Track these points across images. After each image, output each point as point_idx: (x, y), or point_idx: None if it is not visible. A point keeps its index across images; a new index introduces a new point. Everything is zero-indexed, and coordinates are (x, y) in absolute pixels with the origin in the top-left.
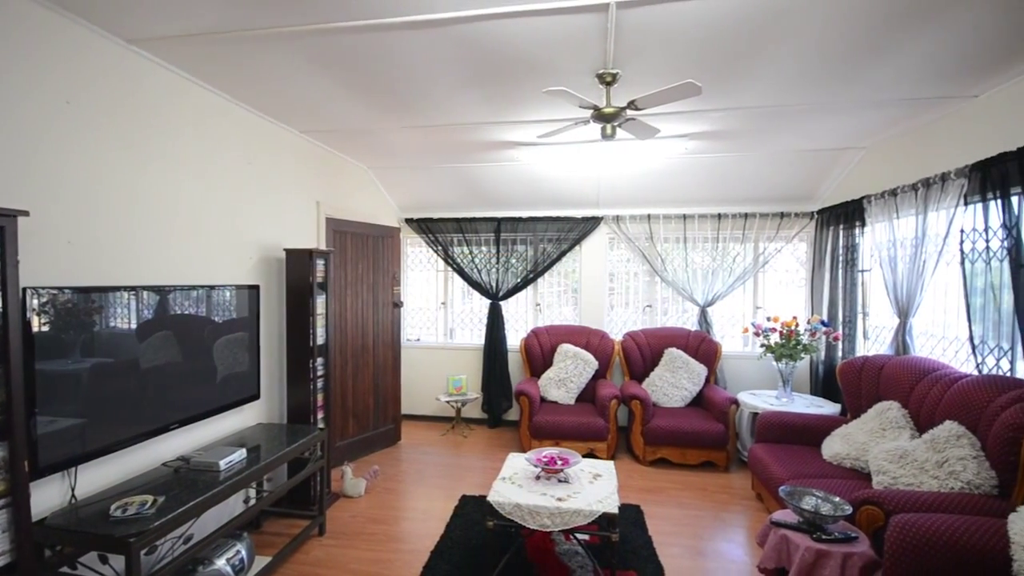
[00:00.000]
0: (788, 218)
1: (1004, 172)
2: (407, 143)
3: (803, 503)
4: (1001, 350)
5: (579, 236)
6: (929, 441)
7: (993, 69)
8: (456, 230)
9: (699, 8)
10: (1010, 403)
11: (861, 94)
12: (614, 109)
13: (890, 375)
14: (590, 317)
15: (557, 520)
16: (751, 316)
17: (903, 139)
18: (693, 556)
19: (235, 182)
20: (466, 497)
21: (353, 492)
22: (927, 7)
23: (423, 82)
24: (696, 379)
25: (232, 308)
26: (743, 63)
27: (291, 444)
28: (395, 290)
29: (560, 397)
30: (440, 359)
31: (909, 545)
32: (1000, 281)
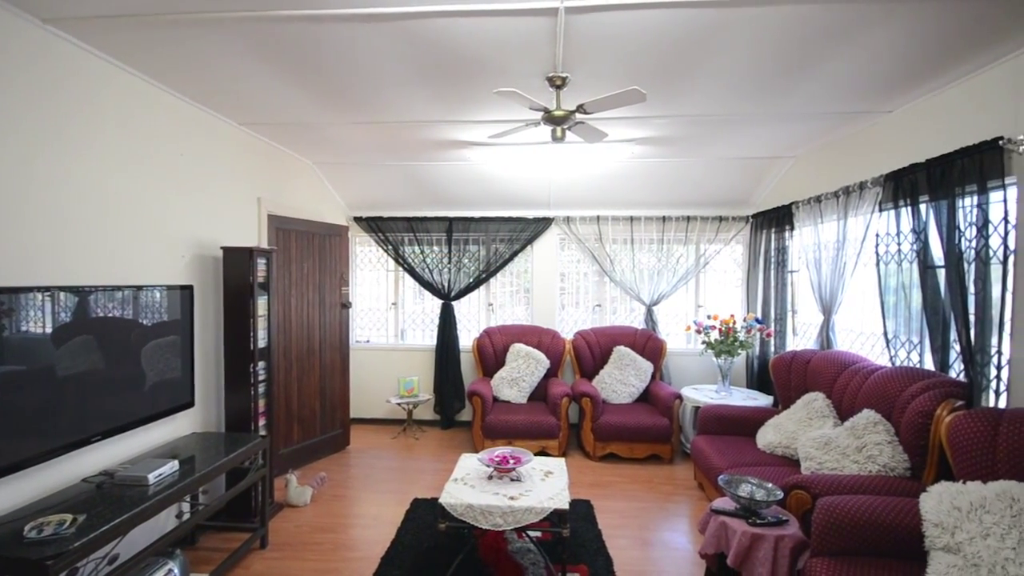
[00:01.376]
0: (726, 221)
1: (914, 181)
2: (355, 139)
3: (739, 490)
4: (911, 344)
5: (531, 236)
6: (850, 428)
7: (904, 87)
8: (407, 229)
9: (643, 18)
10: (919, 392)
11: (789, 107)
12: (564, 112)
13: (816, 368)
14: (542, 317)
15: (509, 519)
16: (693, 314)
17: (827, 150)
18: (640, 546)
19: (166, 175)
20: (418, 500)
21: (298, 501)
22: (844, 30)
23: (371, 78)
24: (643, 376)
25: (163, 310)
26: (684, 73)
27: (229, 453)
28: (343, 290)
29: (513, 396)
30: (391, 361)
31: (833, 525)
32: (910, 281)
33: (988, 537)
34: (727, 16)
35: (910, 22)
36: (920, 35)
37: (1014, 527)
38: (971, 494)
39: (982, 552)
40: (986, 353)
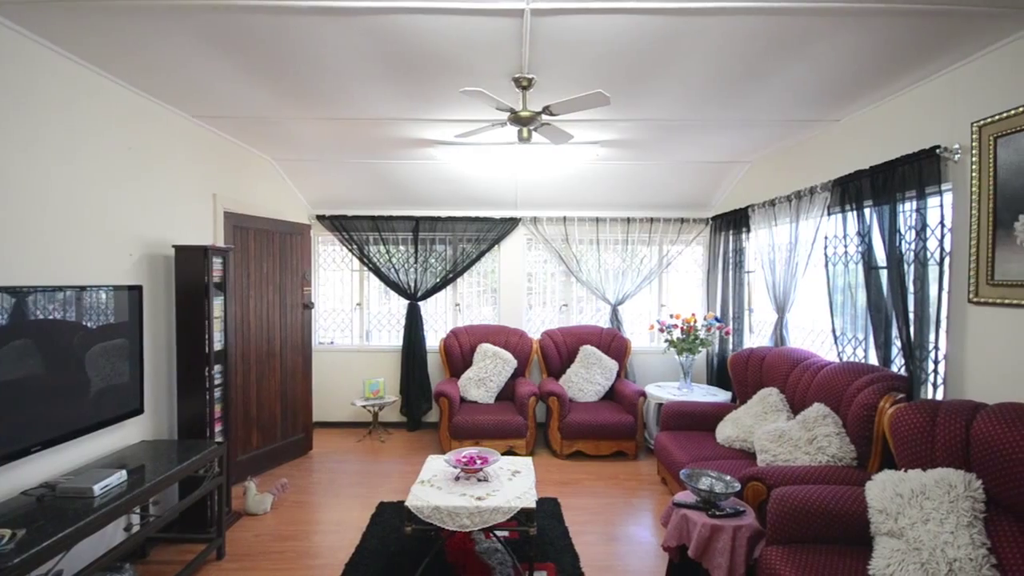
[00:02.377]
0: (687, 223)
1: (859, 187)
2: (317, 136)
3: (700, 483)
4: (857, 340)
5: (498, 236)
6: (801, 421)
7: (851, 97)
8: (372, 228)
9: (607, 23)
10: (864, 386)
11: (745, 114)
12: (530, 113)
13: (770, 364)
14: (509, 317)
15: (477, 519)
16: (657, 314)
17: (781, 155)
18: (606, 542)
19: (113, 169)
20: (384, 504)
21: (258, 509)
22: (794, 41)
23: (334, 73)
24: (608, 374)
25: (109, 312)
26: (646, 79)
27: (182, 462)
28: (305, 291)
29: (480, 397)
30: (356, 362)
31: (786, 515)
32: (856, 281)
33: (928, 522)
34: (686, 24)
35: (855, 36)
36: (864, 49)
37: (951, 512)
38: (912, 481)
39: (923, 536)
40: (924, 349)
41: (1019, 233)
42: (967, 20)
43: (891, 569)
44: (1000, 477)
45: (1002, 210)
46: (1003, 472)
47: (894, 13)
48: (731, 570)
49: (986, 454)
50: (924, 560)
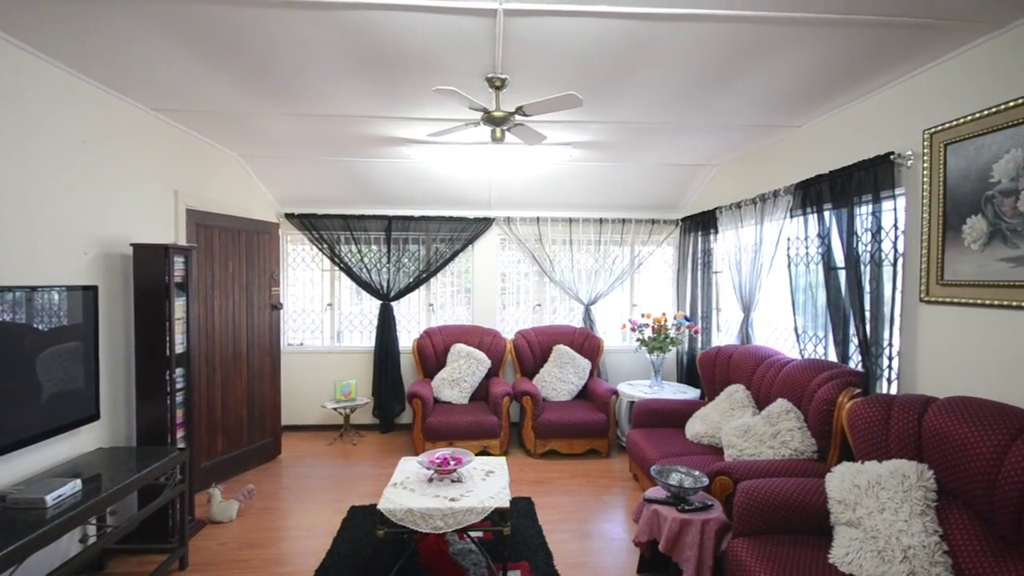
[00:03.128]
0: (658, 224)
1: (819, 191)
2: (286, 132)
3: (670, 479)
4: (818, 338)
5: (472, 236)
6: (766, 416)
7: (812, 104)
8: (343, 227)
9: (579, 26)
10: (824, 382)
11: (712, 118)
12: (503, 113)
13: (737, 362)
14: (483, 317)
15: (450, 520)
16: (628, 313)
17: (746, 159)
18: (579, 539)
19: (66, 163)
20: (356, 508)
21: (223, 516)
22: (758, 49)
23: (303, 68)
24: (581, 373)
25: (62, 313)
26: (618, 82)
27: (142, 469)
28: (273, 291)
29: (454, 397)
30: (326, 364)
31: (752, 506)
32: (816, 281)
33: (884, 511)
34: (655, 29)
35: (814, 45)
36: (823, 58)
37: (905, 501)
38: (868, 472)
39: (879, 525)
40: (880, 345)
41: (967, 236)
42: (920, 32)
43: (849, 557)
44: (949, 467)
45: (951, 214)
46: (952, 462)
47: (850, 24)
48: (700, 563)
49: (936, 445)
50: (880, 548)
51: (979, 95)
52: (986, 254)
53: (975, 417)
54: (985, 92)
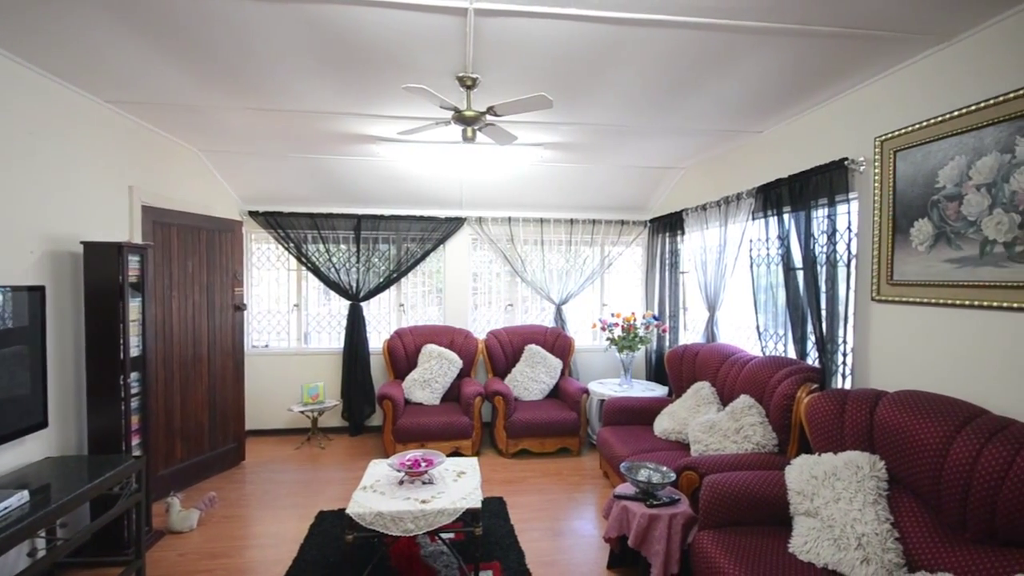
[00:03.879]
0: (627, 225)
1: (779, 194)
2: (249, 127)
3: (639, 475)
4: (778, 336)
5: (443, 236)
6: (730, 412)
7: (772, 110)
8: (311, 226)
9: (549, 28)
10: (784, 378)
11: (679, 122)
12: (474, 113)
13: (703, 360)
14: (455, 317)
15: (421, 523)
16: (599, 313)
17: (712, 163)
18: (551, 537)
19: (11, 156)
20: (324, 513)
21: (182, 526)
22: (721, 56)
23: (267, 61)
24: (553, 372)
25: (5, 316)
26: (588, 84)
27: (94, 479)
28: (236, 291)
29: (425, 398)
30: (293, 366)
31: (717, 500)
32: (777, 281)
33: (839, 501)
34: (623, 34)
35: (774, 54)
36: (783, 66)
37: (859, 491)
38: (825, 464)
39: (835, 514)
40: (835, 342)
41: (914, 238)
42: (871, 44)
43: (808, 546)
44: (899, 457)
45: (900, 217)
46: (901, 453)
47: (807, 35)
48: (667, 556)
49: (887, 437)
50: (836, 536)
51: (926, 105)
52: (932, 255)
53: (922, 410)
54: (932, 102)
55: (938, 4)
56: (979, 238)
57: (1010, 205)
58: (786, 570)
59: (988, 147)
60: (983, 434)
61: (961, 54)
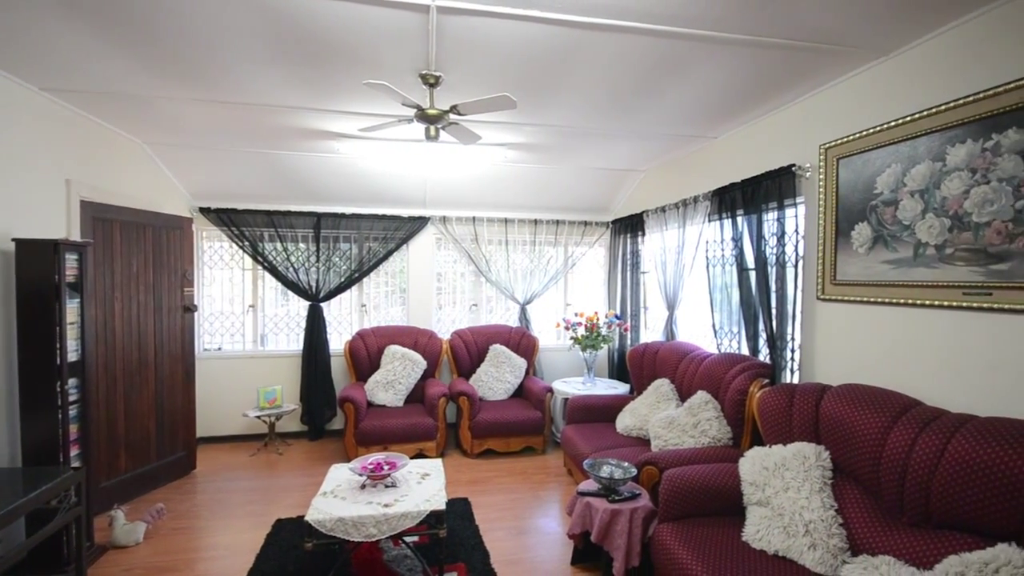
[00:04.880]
0: (590, 226)
1: (733, 198)
2: (200, 120)
3: (601, 472)
4: (733, 333)
5: (406, 235)
6: (688, 408)
7: (726, 117)
8: (267, 224)
9: (512, 28)
10: (738, 374)
11: (639, 126)
12: (437, 111)
13: (663, 357)
14: (418, 317)
15: (384, 527)
16: (563, 312)
17: (671, 166)
18: (516, 536)
19: None
20: (282, 521)
21: (127, 540)
22: (678, 63)
23: (218, 51)
24: (518, 372)
25: None
26: (551, 85)
27: (29, 493)
28: (186, 292)
29: (388, 400)
30: (249, 369)
31: (676, 493)
32: (731, 281)
33: (788, 490)
34: (585, 38)
35: (727, 63)
36: (735, 75)
37: (806, 480)
38: (775, 455)
39: (784, 503)
40: (784, 339)
41: (855, 240)
42: (815, 56)
43: (760, 534)
44: (842, 447)
45: (842, 221)
46: (843, 443)
47: (758, 45)
48: (628, 549)
49: (831, 428)
50: (786, 524)
51: (866, 115)
52: (871, 257)
53: (862, 402)
54: (871, 113)
55: (875, 21)
56: (913, 241)
57: (941, 210)
58: (740, 558)
59: (921, 156)
60: (918, 424)
61: (897, 68)
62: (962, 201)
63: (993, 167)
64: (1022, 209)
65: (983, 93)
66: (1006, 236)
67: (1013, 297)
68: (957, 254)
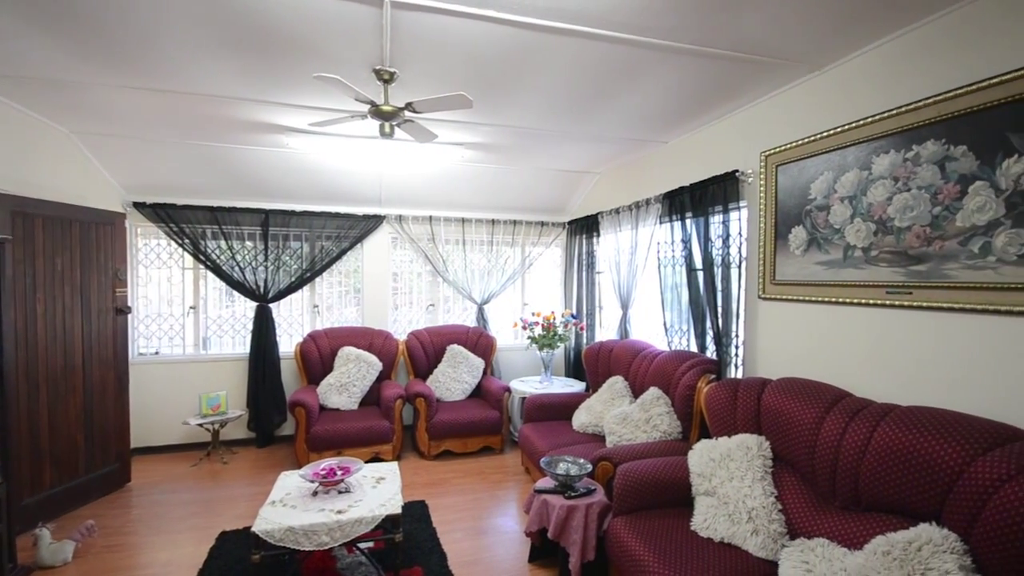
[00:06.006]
0: (547, 227)
1: (682, 201)
2: (134, 108)
3: (558, 469)
4: (682, 331)
5: (361, 234)
6: (640, 404)
7: (676, 123)
8: (210, 221)
9: (468, 27)
10: (687, 370)
11: (594, 129)
12: (392, 108)
13: (617, 355)
14: (374, 318)
15: (337, 534)
16: (520, 312)
17: (625, 169)
18: (474, 536)
19: None
20: (227, 534)
21: (54, 560)
22: (630, 69)
23: (155, 36)
24: (475, 372)
25: None
26: (507, 86)
27: None
28: (119, 292)
29: (342, 403)
30: (189, 375)
31: (629, 487)
32: (681, 281)
33: (733, 479)
34: (541, 40)
35: (676, 72)
36: (684, 83)
37: (749, 469)
38: (721, 447)
39: (729, 492)
40: (729, 336)
41: (792, 243)
42: (757, 68)
43: (707, 523)
44: (780, 437)
45: (781, 224)
46: (782, 433)
47: (704, 55)
48: (584, 544)
49: (771, 420)
50: (731, 512)
51: (802, 125)
52: (806, 258)
53: (799, 394)
54: (806, 123)
55: (809, 37)
56: (843, 244)
57: (867, 215)
58: (688, 547)
59: (850, 164)
60: (847, 414)
61: (829, 82)
62: (886, 207)
63: (913, 176)
64: (938, 215)
65: (905, 107)
66: (924, 239)
67: (930, 296)
68: (881, 256)
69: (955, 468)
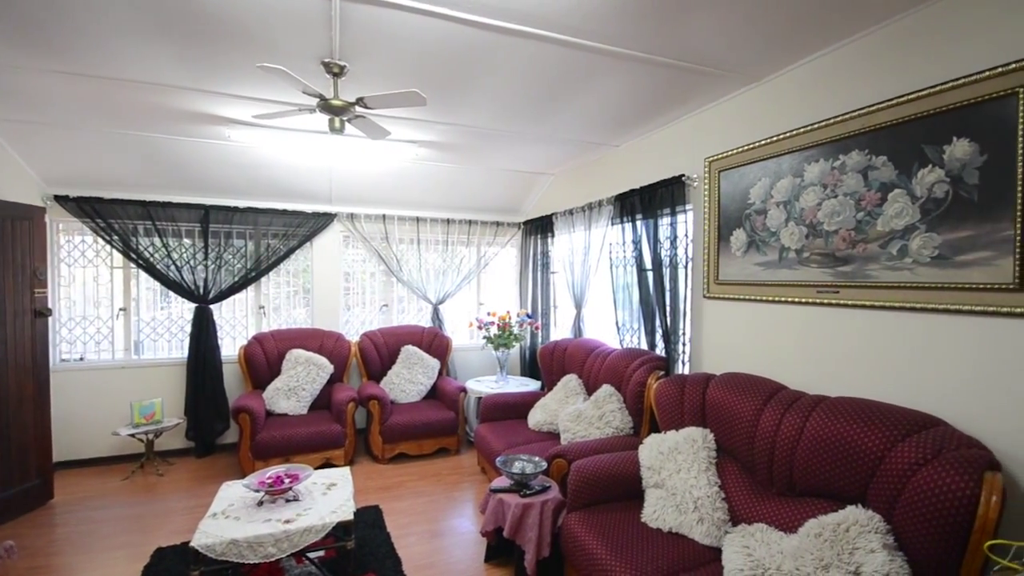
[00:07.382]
0: (503, 227)
1: (633, 203)
2: (56, 94)
3: (513, 468)
4: (633, 330)
5: (310, 232)
6: (594, 401)
7: (627, 128)
8: (143, 216)
9: (421, 23)
10: (638, 367)
11: (548, 131)
12: (342, 103)
13: (571, 353)
14: (324, 319)
15: (285, 545)
16: (476, 312)
17: (578, 170)
18: (429, 539)
19: None
20: (163, 550)
21: None
22: (583, 74)
23: (81, 18)
24: (431, 373)
25: None
26: (462, 85)
27: None
28: (37, 293)
29: (290, 408)
30: (119, 381)
31: (583, 482)
32: (632, 281)
33: (680, 471)
34: (494, 40)
35: (627, 78)
36: (634, 89)
37: (695, 461)
38: (669, 441)
39: (677, 483)
40: (677, 334)
41: (733, 245)
42: (700, 77)
43: (656, 514)
44: (724, 429)
45: (723, 227)
46: (725, 425)
47: (652, 63)
48: (539, 541)
49: (715, 413)
50: (678, 503)
51: (742, 133)
52: (746, 259)
53: (739, 388)
54: (746, 131)
55: (746, 49)
56: (778, 246)
57: (800, 220)
58: (639, 538)
59: (785, 171)
60: (783, 406)
61: (767, 93)
62: (816, 212)
63: (840, 183)
64: (862, 220)
65: (833, 119)
66: (849, 242)
67: (854, 295)
68: (812, 257)
69: (877, 454)
